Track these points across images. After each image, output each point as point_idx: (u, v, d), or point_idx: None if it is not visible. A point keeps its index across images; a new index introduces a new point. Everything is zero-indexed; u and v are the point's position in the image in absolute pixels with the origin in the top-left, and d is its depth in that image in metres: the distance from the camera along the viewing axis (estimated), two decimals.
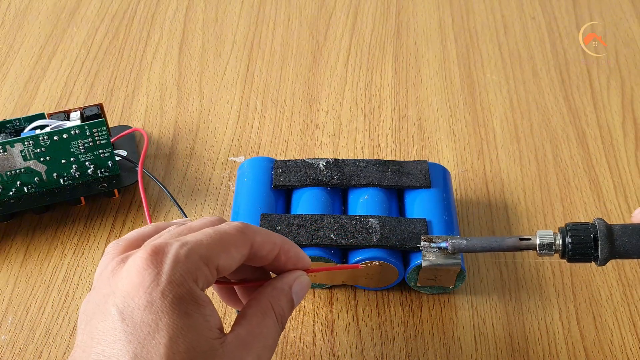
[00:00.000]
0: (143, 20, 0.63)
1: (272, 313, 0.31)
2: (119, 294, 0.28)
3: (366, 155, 0.51)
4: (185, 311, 0.28)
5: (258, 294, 0.32)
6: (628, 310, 0.42)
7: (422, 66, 0.58)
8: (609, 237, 0.35)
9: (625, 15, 0.62)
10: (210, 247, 0.30)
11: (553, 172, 0.50)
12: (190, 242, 0.30)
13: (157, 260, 0.29)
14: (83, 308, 0.30)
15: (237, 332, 0.30)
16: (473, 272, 0.43)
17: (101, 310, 0.29)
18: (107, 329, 0.28)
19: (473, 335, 0.40)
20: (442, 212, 0.42)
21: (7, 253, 0.45)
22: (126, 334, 0.27)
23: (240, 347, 0.29)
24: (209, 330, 0.29)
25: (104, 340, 0.28)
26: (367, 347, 0.40)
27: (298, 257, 0.33)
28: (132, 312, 0.28)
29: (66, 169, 0.46)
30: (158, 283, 0.28)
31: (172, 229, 0.33)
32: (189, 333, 0.28)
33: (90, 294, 0.31)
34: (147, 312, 0.28)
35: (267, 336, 0.31)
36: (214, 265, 0.30)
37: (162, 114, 0.54)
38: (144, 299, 0.28)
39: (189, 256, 0.29)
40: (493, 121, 0.53)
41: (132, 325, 0.28)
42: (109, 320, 0.28)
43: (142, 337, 0.27)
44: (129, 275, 0.29)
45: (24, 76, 0.57)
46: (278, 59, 0.59)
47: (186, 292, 0.28)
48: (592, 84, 0.56)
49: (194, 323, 0.28)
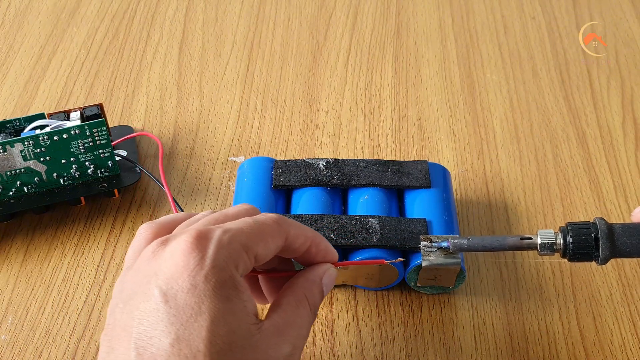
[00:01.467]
0: (143, 20, 0.63)
1: (306, 303, 0.32)
2: (162, 276, 0.29)
3: (366, 155, 0.51)
4: (226, 296, 0.29)
5: (292, 285, 0.33)
6: (628, 310, 0.42)
7: (422, 66, 0.58)
8: (609, 237, 0.35)
9: (625, 15, 0.62)
10: (250, 235, 0.30)
11: (553, 172, 0.50)
12: (232, 229, 0.30)
13: (202, 244, 0.29)
14: (119, 287, 0.31)
15: (273, 320, 0.31)
16: (473, 272, 0.43)
17: (142, 290, 0.29)
18: (149, 309, 0.28)
19: (473, 335, 0.40)
20: (442, 212, 0.42)
21: (7, 253, 0.45)
22: (169, 316, 0.28)
23: (276, 334, 0.30)
24: (247, 315, 0.29)
25: (146, 320, 0.28)
26: (367, 347, 0.40)
27: (327, 250, 0.34)
28: (175, 294, 0.28)
29: (66, 169, 0.46)
30: (202, 267, 0.29)
31: (207, 213, 0.34)
32: (229, 317, 0.28)
33: (127, 273, 0.31)
34: (191, 294, 0.28)
35: (301, 325, 0.31)
36: (253, 253, 0.30)
37: (162, 114, 0.54)
38: (187, 281, 0.28)
39: (231, 243, 0.30)
40: (493, 121, 0.53)
41: (175, 307, 0.28)
42: (151, 301, 0.28)
43: (184, 319, 0.28)
44: (172, 258, 0.29)
45: (24, 76, 0.57)
46: (278, 59, 0.59)
47: (228, 277, 0.29)
48: (592, 84, 0.56)
49: (234, 308, 0.29)
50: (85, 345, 0.40)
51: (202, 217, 0.34)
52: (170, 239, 0.31)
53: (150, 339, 0.28)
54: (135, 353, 0.28)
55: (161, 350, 0.28)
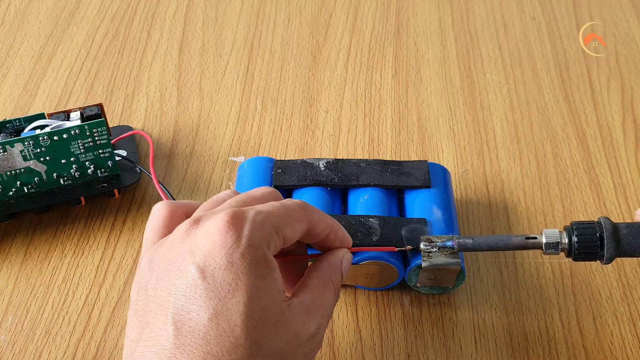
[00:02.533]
0: (143, 20, 0.63)
1: (331, 285, 0.34)
2: (199, 254, 0.30)
3: (366, 155, 0.51)
4: (260, 273, 0.30)
5: (317, 268, 0.34)
6: (628, 310, 0.42)
7: (422, 66, 0.58)
8: (614, 236, 0.35)
9: (625, 15, 0.62)
10: (279, 218, 0.32)
11: (553, 172, 0.50)
12: (263, 211, 0.31)
13: (238, 224, 0.30)
14: (147, 265, 0.32)
15: (301, 299, 0.32)
16: (473, 272, 0.43)
17: (178, 267, 0.30)
18: (186, 285, 0.29)
19: (473, 335, 0.40)
20: (442, 212, 0.42)
21: (7, 253, 0.45)
22: (207, 291, 0.29)
23: (304, 312, 0.31)
24: (279, 292, 0.31)
25: (183, 296, 0.29)
26: (367, 347, 0.40)
27: (344, 237, 0.36)
28: (213, 271, 0.29)
29: (66, 169, 0.46)
30: (238, 245, 0.30)
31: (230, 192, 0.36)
32: (263, 294, 0.30)
33: (158, 251, 0.32)
34: (228, 271, 0.29)
35: (326, 306, 0.33)
36: (282, 235, 0.32)
37: (162, 114, 0.54)
38: (225, 259, 0.29)
39: (263, 223, 0.31)
40: (493, 121, 0.53)
41: (213, 283, 0.29)
42: (188, 277, 0.29)
43: (222, 295, 0.29)
44: (209, 236, 0.30)
45: (24, 76, 0.57)
46: (278, 59, 0.59)
47: (261, 256, 0.30)
48: (592, 84, 0.56)
49: (267, 285, 0.30)
50: (85, 345, 0.40)
51: (227, 197, 0.35)
52: (202, 219, 0.31)
53: (189, 313, 0.29)
54: (173, 327, 0.29)
55: (199, 325, 0.29)
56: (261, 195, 0.35)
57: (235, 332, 0.29)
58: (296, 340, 0.31)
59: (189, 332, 0.29)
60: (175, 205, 0.35)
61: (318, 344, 0.32)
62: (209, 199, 0.35)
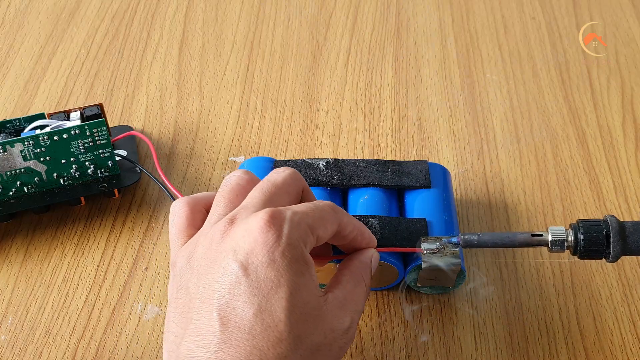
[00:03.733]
0: (143, 20, 0.63)
1: (363, 283, 0.35)
2: (241, 252, 0.31)
3: (366, 155, 0.51)
4: (299, 270, 0.31)
5: (349, 266, 0.35)
6: (628, 310, 0.41)
7: (422, 66, 0.58)
8: (621, 234, 0.35)
9: (625, 15, 0.62)
10: (314, 219, 0.33)
11: (553, 172, 0.50)
12: (299, 212, 0.33)
13: (277, 223, 0.31)
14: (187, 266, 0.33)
15: (335, 294, 0.33)
16: (473, 272, 0.43)
17: (220, 265, 0.31)
18: (230, 282, 0.30)
19: (473, 335, 0.40)
20: (442, 212, 0.42)
21: (7, 253, 0.45)
22: (250, 288, 0.30)
23: (338, 307, 0.33)
24: (315, 288, 0.32)
25: (228, 293, 0.30)
26: (367, 347, 0.40)
27: (370, 238, 0.37)
28: (256, 268, 0.30)
29: (66, 169, 0.46)
30: (279, 244, 0.31)
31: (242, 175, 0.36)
32: (302, 290, 0.31)
33: (196, 251, 0.33)
34: (270, 269, 0.30)
35: (358, 301, 0.34)
36: (316, 235, 0.33)
37: (162, 114, 0.54)
38: (266, 257, 0.30)
39: (300, 223, 0.32)
40: (493, 121, 0.53)
41: (256, 280, 0.30)
42: (231, 275, 0.30)
43: (265, 291, 0.30)
44: (250, 235, 0.31)
45: (24, 76, 0.57)
46: (278, 59, 0.59)
47: (300, 254, 0.31)
48: (592, 84, 0.56)
49: (306, 281, 0.31)
50: (85, 345, 0.40)
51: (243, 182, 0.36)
52: (238, 217, 0.33)
53: (234, 309, 0.30)
54: (219, 323, 0.30)
55: (245, 320, 0.30)
56: (283, 182, 0.35)
57: (279, 327, 0.30)
58: (333, 334, 0.32)
59: (235, 327, 0.30)
60: (193, 201, 0.36)
61: (351, 337, 0.33)
62: (224, 187, 0.36)
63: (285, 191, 0.35)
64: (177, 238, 0.35)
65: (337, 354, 0.32)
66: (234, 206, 0.35)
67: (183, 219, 0.35)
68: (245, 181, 0.36)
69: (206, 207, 0.36)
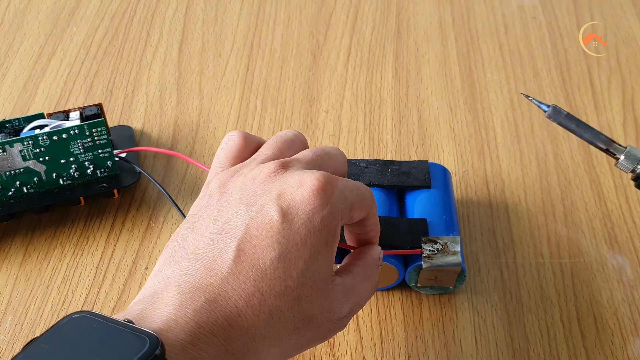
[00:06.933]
0: (143, 20, 0.63)
1: (372, 280, 0.35)
2: (287, 199, 0.31)
3: (366, 155, 0.51)
4: (326, 240, 0.31)
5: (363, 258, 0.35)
6: (629, 311, 0.41)
7: (423, 66, 0.58)
8: None
9: (625, 14, 0.62)
10: (356, 198, 0.33)
11: (554, 172, 0.49)
12: (348, 187, 0.33)
13: (329, 189, 0.32)
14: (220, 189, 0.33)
15: (344, 280, 0.33)
16: (473, 272, 0.43)
17: (259, 201, 0.31)
18: (262, 220, 0.31)
19: (474, 335, 0.40)
20: (443, 212, 0.42)
21: (7, 253, 0.45)
22: (279, 235, 0.30)
23: (342, 293, 0.33)
24: (331, 264, 0.32)
25: (256, 230, 0.30)
26: (367, 348, 0.40)
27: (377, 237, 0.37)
28: (292, 219, 0.31)
29: (65, 169, 0.45)
30: (323, 209, 0.31)
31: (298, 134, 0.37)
32: (322, 259, 0.31)
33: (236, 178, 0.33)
34: (304, 227, 0.31)
35: (362, 295, 0.34)
36: (352, 214, 0.33)
37: (162, 114, 0.54)
38: (307, 215, 0.31)
39: (346, 197, 0.32)
40: (494, 121, 0.53)
41: (289, 229, 0.30)
42: (267, 215, 0.31)
43: (291, 244, 0.30)
44: (302, 189, 0.31)
45: (23, 76, 0.57)
46: (278, 59, 0.59)
47: (334, 226, 0.32)
48: (593, 84, 0.56)
49: (327, 253, 0.31)
50: None
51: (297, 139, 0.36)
52: (291, 166, 0.33)
53: (254, 247, 0.30)
54: (234, 254, 0.30)
55: (260, 262, 0.30)
56: (335, 154, 0.36)
57: (288, 282, 0.30)
58: (328, 314, 0.32)
59: (249, 264, 0.30)
60: (249, 137, 0.36)
61: (342, 326, 0.33)
62: (279, 136, 0.36)
63: (334, 164, 0.35)
64: (221, 162, 0.36)
65: (323, 336, 0.33)
66: (283, 156, 0.35)
67: (234, 148, 0.36)
68: (298, 139, 0.37)
69: (257, 148, 0.36)
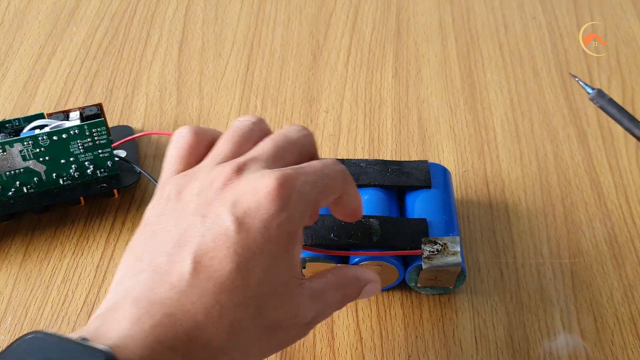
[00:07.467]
0: (143, 20, 0.63)
1: (343, 295, 0.34)
2: (241, 208, 0.30)
3: (366, 155, 0.51)
4: (286, 245, 0.30)
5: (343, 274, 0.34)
6: (629, 311, 0.41)
7: (423, 66, 0.58)
8: None
9: (626, 14, 0.62)
10: (321, 190, 0.32)
11: (554, 172, 0.49)
12: (309, 181, 0.31)
13: (286, 193, 0.30)
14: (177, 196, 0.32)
15: (312, 284, 0.32)
16: (474, 272, 0.43)
17: (214, 211, 0.30)
18: (218, 231, 0.30)
19: (474, 336, 0.40)
20: (443, 212, 0.42)
21: (7, 253, 0.45)
22: (236, 246, 0.29)
23: (309, 297, 0.32)
24: (295, 267, 0.31)
25: (212, 242, 0.30)
26: (367, 348, 0.40)
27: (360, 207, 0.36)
28: (249, 228, 0.30)
29: (65, 169, 0.45)
30: (279, 215, 0.30)
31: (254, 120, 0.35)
32: (282, 265, 0.30)
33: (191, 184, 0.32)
34: (261, 235, 0.30)
35: (329, 304, 0.33)
36: (317, 207, 0.32)
37: (162, 114, 0.54)
38: (263, 222, 0.30)
39: (307, 194, 0.31)
40: (494, 121, 0.53)
41: (245, 239, 0.29)
42: (223, 225, 0.30)
43: (248, 254, 0.29)
44: (256, 195, 0.30)
45: (23, 76, 0.57)
46: (278, 59, 0.59)
47: (293, 231, 0.31)
48: (593, 84, 0.56)
49: (288, 259, 0.31)
50: None
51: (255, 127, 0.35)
52: (247, 169, 0.32)
53: (212, 259, 0.29)
54: (192, 267, 0.29)
55: (218, 274, 0.29)
56: (297, 140, 0.34)
57: (246, 292, 0.29)
58: (294, 319, 0.31)
59: (207, 276, 0.29)
60: (201, 132, 0.34)
61: (305, 333, 0.33)
62: (235, 128, 0.34)
63: (298, 150, 0.34)
64: (174, 162, 0.34)
65: (289, 341, 0.32)
66: (241, 151, 0.33)
67: (186, 146, 0.34)
68: (257, 128, 0.35)
69: (211, 142, 0.35)
